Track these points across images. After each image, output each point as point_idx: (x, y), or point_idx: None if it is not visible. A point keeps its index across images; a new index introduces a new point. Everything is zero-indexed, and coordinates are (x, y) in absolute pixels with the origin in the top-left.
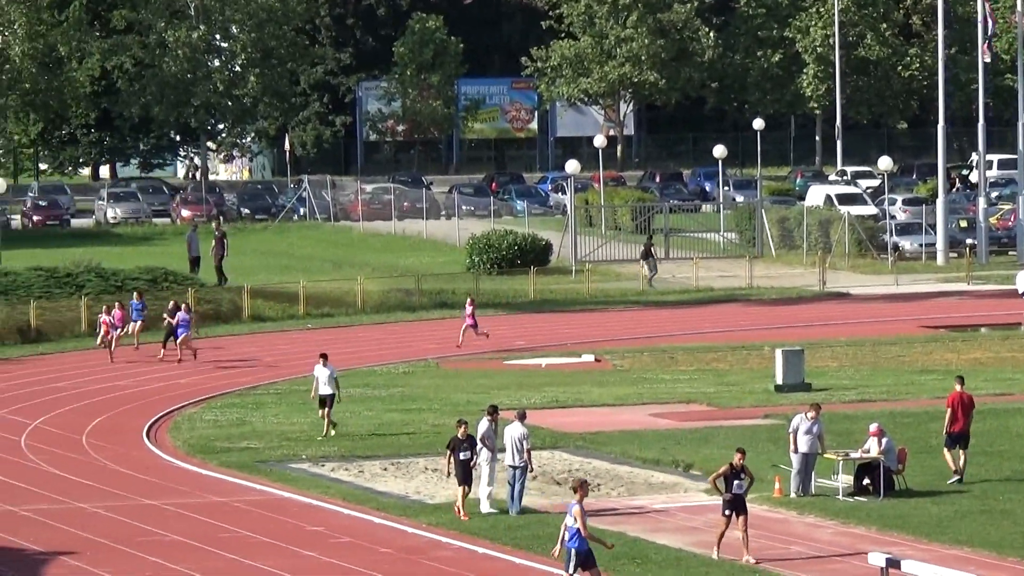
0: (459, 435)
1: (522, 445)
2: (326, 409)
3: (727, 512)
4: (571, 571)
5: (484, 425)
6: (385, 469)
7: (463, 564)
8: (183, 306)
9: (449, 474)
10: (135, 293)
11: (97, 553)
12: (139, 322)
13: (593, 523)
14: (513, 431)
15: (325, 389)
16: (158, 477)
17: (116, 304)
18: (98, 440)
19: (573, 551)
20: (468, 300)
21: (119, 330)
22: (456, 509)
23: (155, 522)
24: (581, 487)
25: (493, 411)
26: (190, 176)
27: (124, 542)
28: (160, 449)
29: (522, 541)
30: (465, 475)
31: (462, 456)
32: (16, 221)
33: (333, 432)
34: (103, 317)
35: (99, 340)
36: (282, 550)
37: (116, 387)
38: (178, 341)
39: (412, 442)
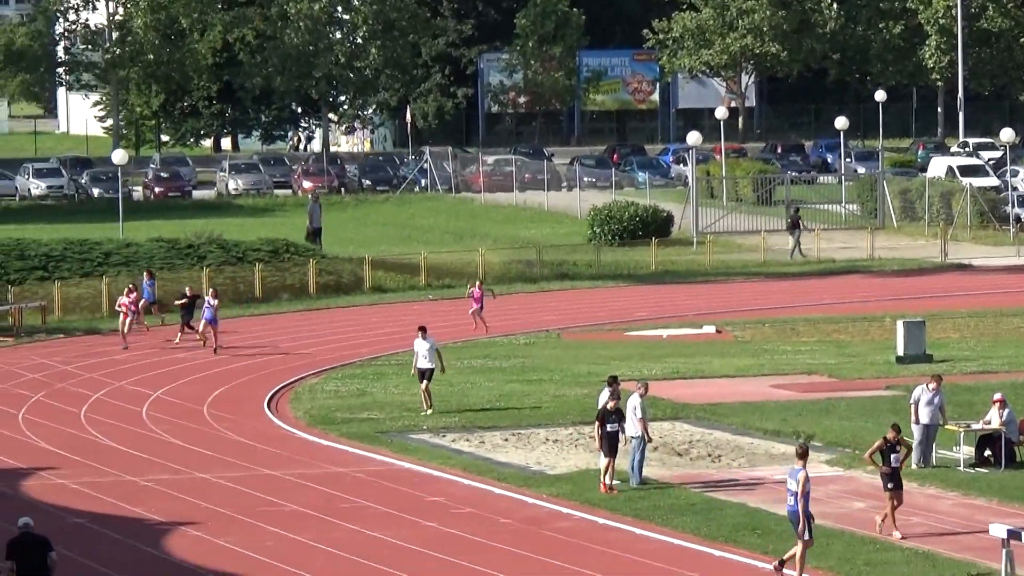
0: (608, 407)
1: (634, 415)
2: (426, 383)
3: (890, 486)
4: (805, 537)
5: (605, 395)
6: (506, 440)
7: (583, 535)
8: (211, 291)
9: (600, 446)
10: (146, 272)
11: (218, 523)
12: (149, 301)
13: (714, 493)
14: (631, 402)
15: (425, 363)
16: (279, 448)
17: (130, 286)
18: (219, 411)
19: (794, 515)
20: (476, 283)
21: (136, 314)
22: (602, 483)
23: (276, 492)
24: (807, 453)
25: (613, 381)
26: (297, 148)
27: (245, 512)
28: (281, 420)
29: (642, 512)
30: (611, 447)
31: (609, 428)
32: (138, 192)
33: (430, 410)
34: (122, 299)
35: (123, 326)
36: (402, 520)
37: (237, 358)
38: (200, 328)
39: (533, 413)
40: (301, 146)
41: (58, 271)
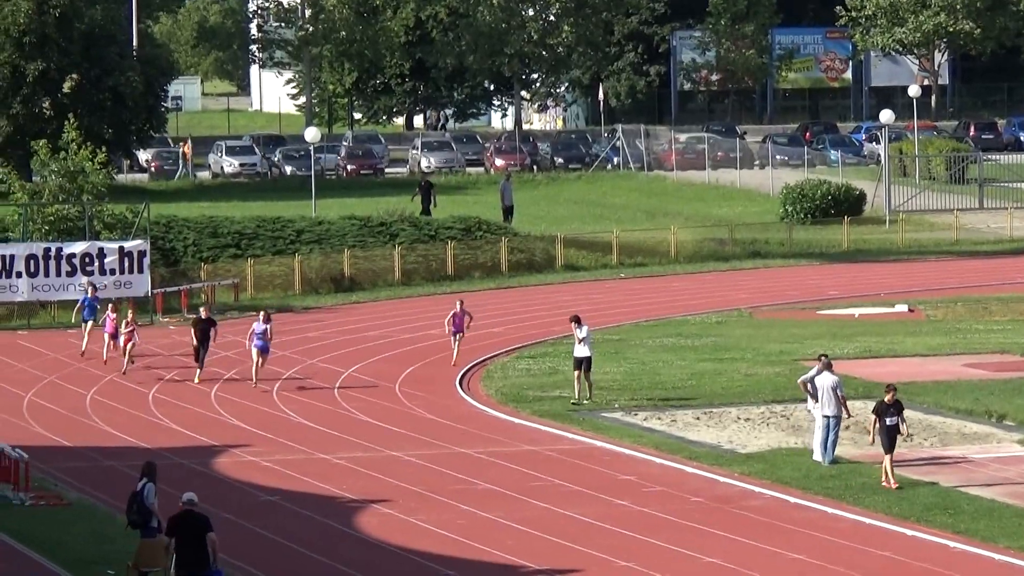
0: (886, 400)
1: (834, 394)
2: (581, 371)
3: None
4: None
5: (813, 372)
6: (697, 418)
7: (774, 514)
8: (262, 314)
9: (873, 440)
10: (90, 287)
11: (410, 501)
12: (90, 322)
13: (905, 472)
14: (825, 380)
15: (582, 351)
16: (470, 426)
17: (109, 307)
18: (411, 388)
19: None
20: (459, 304)
21: (116, 337)
22: (885, 476)
23: (467, 471)
24: None
25: (824, 360)
26: (435, 127)
27: (437, 490)
28: (472, 397)
29: (834, 491)
30: (890, 442)
31: (888, 422)
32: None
33: (588, 398)
34: (125, 327)
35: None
36: (594, 499)
37: (429, 335)
38: (261, 363)
39: (725, 392)
40: (440, 125)
41: (251, 248)
